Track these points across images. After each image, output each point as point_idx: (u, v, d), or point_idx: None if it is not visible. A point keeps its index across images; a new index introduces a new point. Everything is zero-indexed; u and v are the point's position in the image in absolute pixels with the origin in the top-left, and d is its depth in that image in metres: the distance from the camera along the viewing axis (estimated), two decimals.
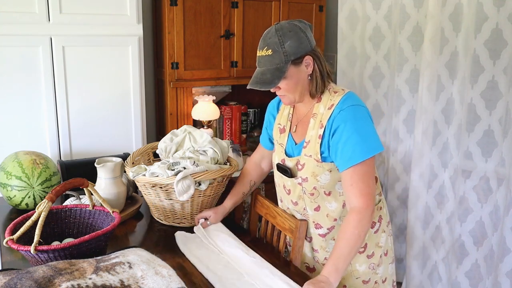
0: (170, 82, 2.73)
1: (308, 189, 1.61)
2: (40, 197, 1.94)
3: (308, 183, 1.59)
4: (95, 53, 2.39)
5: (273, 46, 1.49)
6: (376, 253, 1.67)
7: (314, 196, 1.61)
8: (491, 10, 2.17)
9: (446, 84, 2.40)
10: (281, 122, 1.73)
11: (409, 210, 2.61)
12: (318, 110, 1.58)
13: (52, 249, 1.31)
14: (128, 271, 1.21)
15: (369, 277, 1.67)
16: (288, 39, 1.48)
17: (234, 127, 3.09)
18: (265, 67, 1.51)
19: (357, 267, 1.65)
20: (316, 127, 1.56)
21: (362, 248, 1.64)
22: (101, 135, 2.47)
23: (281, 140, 1.71)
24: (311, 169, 1.57)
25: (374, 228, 1.65)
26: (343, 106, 1.51)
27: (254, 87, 1.52)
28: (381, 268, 1.69)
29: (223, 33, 2.83)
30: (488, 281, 2.35)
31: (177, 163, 1.77)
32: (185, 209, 1.81)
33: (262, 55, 1.51)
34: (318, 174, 1.56)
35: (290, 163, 1.65)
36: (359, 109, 1.52)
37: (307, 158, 1.58)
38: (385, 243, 1.70)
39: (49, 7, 2.24)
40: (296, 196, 1.67)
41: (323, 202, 1.61)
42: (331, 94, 1.57)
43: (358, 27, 2.88)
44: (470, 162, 2.35)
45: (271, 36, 1.50)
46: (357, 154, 1.47)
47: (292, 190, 1.67)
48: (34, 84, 2.28)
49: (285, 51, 1.48)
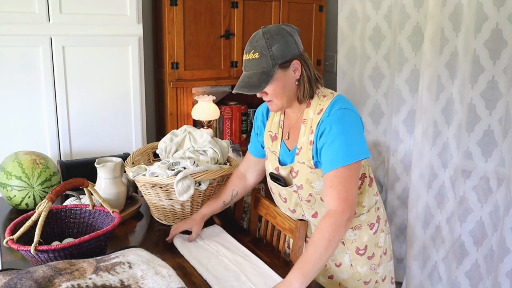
0: (170, 82, 2.73)
1: (304, 196, 1.58)
2: (40, 197, 1.94)
3: (304, 190, 1.56)
4: (95, 53, 2.39)
5: (260, 49, 1.45)
6: (376, 254, 1.66)
7: (311, 202, 1.58)
8: (491, 10, 2.17)
9: (446, 84, 2.40)
10: (272, 130, 1.69)
11: (409, 210, 2.61)
12: (308, 115, 1.55)
13: (52, 249, 1.31)
14: (128, 271, 1.21)
15: (370, 278, 1.67)
16: (275, 42, 1.45)
17: (234, 127, 3.09)
18: (252, 70, 1.47)
19: (359, 269, 1.64)
20: (307, 133, 1.53)
21: (363, 250, 1.63)
22: (101, 135, 2.47)
23: (273, 148, 1.67)
24: (305, 176, 1.54)
25: (373, 229, 1.65)
26: (332, 109, 1.49)
27: (240, 91, 1.48)
28: (381, 268, 1.69)
29: (223, 33, 2.83)
30: (488, 281, 2.35)
31: (177, 163, 1.76)
32: (185, 209, 1.81)
33: (249, 58, 1.48)
34: (313, 181, 1.53)
35: (283, 171, 1.61)
36: (347, 112, 1.49)
37: (300, 165, 1.55)
38: (384, 242, 1.69)
39: (49, 7, 2.24)
40: (293, 204, 1.64)
41: (321, 208, 1.59)
42: (320, 98, 1.54)
43: (358, 27, 2.88)
44: (470, 162, 2.35)
45: (258, 39, 1.47)
46: (339, 158, 1.44)
47: (288, 198, 1.64)
48: (34, 84, 2.28)
49: (272, 54, 1.44)
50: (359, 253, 1.63)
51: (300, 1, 3.04)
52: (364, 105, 2.91)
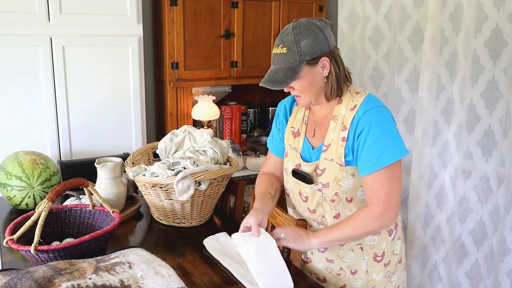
0: (170, 82, 2.73)
1: (329, 195, 1.52)
2: (40, 197, 1.94)
3: (330, 188, 1.51)
4: (95, 53, 2.39)
5: (288, 44, 1.42)
6: (392, 261, 1.62)
7: (335, 202, 1.53)
8: (491, 10, 2.16)
9: (446, 84, 2.40)
10: (295, 126, 1.64)
11: (409, 210, 2.61)
12: (339, 111, 1.50)
13: (52, 249, 1.31)
14: (128, 271, 1.21)
15: (384, 286, 1.62)
16: (304, 38, 1.41)
17: (234, 127, 3.09)
18: (279, 65, 1.45)
19: (374, 276, 1.60)
20: (337, 129, 1.49)
21: (380, 256, 1.59)
22: (101, 135, 2.47)
23: (295, 145, 1.61)
24: (333, 173, 1.49)
25: (391, 236, 1.60)
26: (368, 107, 1.45)
27: (265, 85, 1.45)
28: (395, 276, 1.64)
29: (223, 33, 2.83)
30: (488, 281, 2.35)
31: (177, 163, 1.76)
32: (185, 209, 1.81)
33: (277, 52, 1.45)
34: (341, 179, 1.49)
35: (307, 168, 1.55)
36: (384, 110, 1.46)
37: (328, 162, 1.49)
38: (400, 250, 1.65)
39: (49, 7, 2.24)
40: (314, 204, 1.57)
41: (344, 210, 1.54)
42: (352, 95, 1.50)
43: (358, 27, 2.88)
44: (470, 162, 2.35)
45: (287, 33, 1.44)
46: (383, 158, 1.41)
47: (311, 197, 1.57)
48: (34, 84, 2.28)
49: (300, 50, 1.41)
50: (376, 259, 1.59)
51: (300, 1, 3.03)
52: None
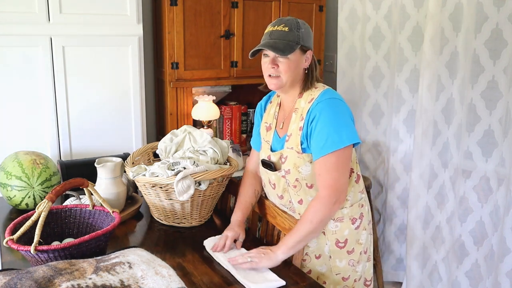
0: (170, 82, 2.73)
1: (291, 181, 1.65)
2: (40, 197, 1.94)
3: (291, 175, 1.64)
4: (95, 53, 2.39)
5: (291, 25, 1.57)
6: (356, 250, 1.69)
7: (297, 188, 1.65)
8: (491, 10, 2.16)
9: (446, 84, 2.40)
10: (268, 121, 1.78)
11: (409, 210, 2.61)
12: (300, 104, 1.64)
13: (52, 249, 1.31)
14: (128, 271, 1.21)
15: (348, 274, 1.69)
16: (303, 28, 1.59)
17: (234, 127, 3.09)
18: (278, 39, 1.56)
19: (337, 262, 1.68)
20: (297, 120, 1.62)
21: (342, 243, 1.66)
22: (101, 135, 2.47)
23: (267, 138, 1.76)
24: (293, 160, 1.62)
25: (354, 225, 1.68)
26: (321, 98, 1.58)
27: (265, 48, 1.56)
28: (360, 266, 1.72)
29: (223, 33, 2.83)
30: (488, 281, 2.35)
31: (177, 163, 1.77)
32: (185, 209, 1.81)
33: (277, 29, 1.58)
34: (299, 166, 1.61)
35: (274, 157, 1.70)
36: (336, 102, 1.58)
37: (289, 151, 1.63)
38: (365, 241, 1.73)
39: (49, 7, 2.23)
40: (281, 190, 1.71)
41: (306, 196, 1.65)
42: (312, 90, 1.64)
43: (358, 27, 2.88)
44: (470, 162, 2.35)
45: (289, 19, 1.60)
46: (328, 145, 1.52)
47: (277, 183, 1.71)
48: (34, 84, 2.28)
49: (299, 34, 1.56)
50: (338, 245, 1.67)
51: (300, 1, 3.03)
52: (364, 105, 2.91)
